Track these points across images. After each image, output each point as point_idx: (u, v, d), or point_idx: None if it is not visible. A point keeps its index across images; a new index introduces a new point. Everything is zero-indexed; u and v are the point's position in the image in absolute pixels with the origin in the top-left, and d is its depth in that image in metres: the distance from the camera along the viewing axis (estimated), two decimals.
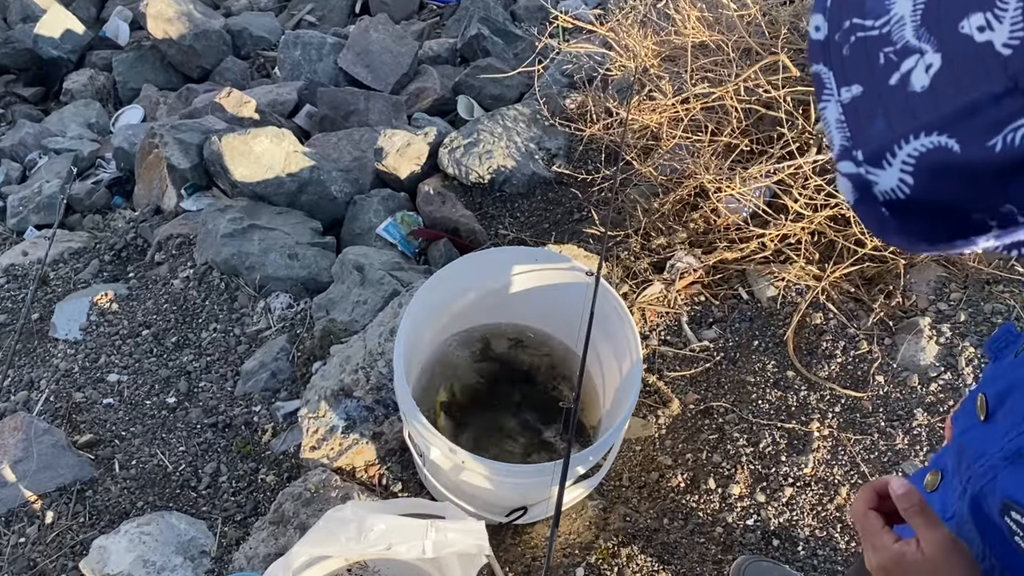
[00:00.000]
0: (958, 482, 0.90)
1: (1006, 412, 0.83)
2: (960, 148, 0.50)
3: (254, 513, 2.23)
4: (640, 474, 2.14)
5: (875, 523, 0.85)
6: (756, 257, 2.53)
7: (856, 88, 0.56)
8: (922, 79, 0.51)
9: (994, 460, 0.82)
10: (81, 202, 4.02)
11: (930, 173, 0.52)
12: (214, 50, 5.54)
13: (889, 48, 0.54)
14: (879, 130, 0.54)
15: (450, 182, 3.35)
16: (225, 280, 2.96)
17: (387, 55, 4.82)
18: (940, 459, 0.99)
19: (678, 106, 2.75)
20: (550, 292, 2.02)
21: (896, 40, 0.53)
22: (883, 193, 0.55)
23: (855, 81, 0.56)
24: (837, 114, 0.57)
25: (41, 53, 5.79)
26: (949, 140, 0.50)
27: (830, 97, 0.58)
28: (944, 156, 0.51)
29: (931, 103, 0.51)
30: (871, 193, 0.56)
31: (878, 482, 0.88)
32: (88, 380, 2.71)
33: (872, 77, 0.55)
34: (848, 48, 0.57)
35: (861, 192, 0.57)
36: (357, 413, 2.20)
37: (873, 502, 0.87)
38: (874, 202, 0.56)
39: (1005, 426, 0.82)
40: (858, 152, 0.55)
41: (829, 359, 2.27)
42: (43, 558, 2.17)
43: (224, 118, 3.85)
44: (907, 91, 0.52)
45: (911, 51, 0.52)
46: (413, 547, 1.49)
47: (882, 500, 0.86)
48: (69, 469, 2.34)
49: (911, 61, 0.52)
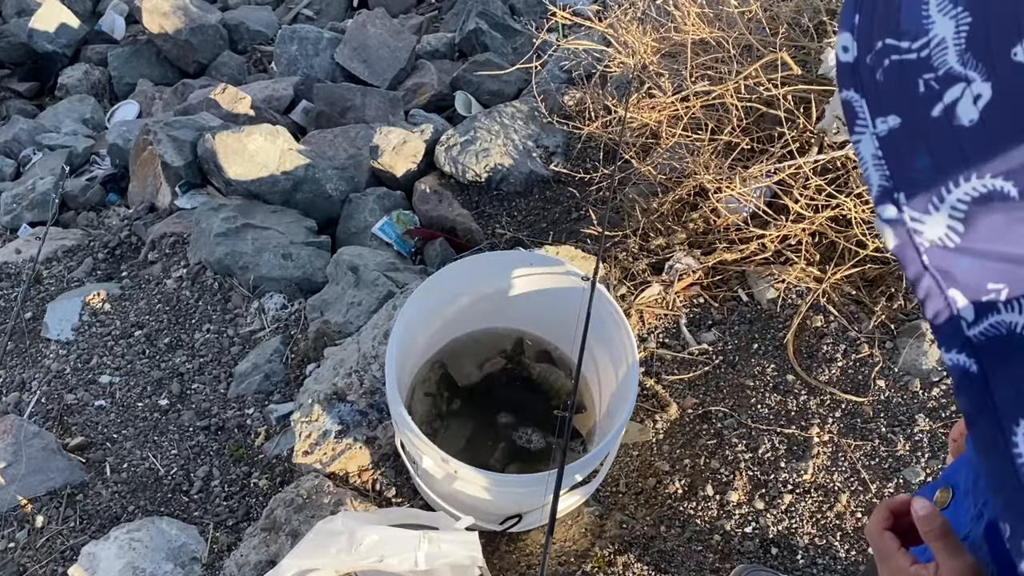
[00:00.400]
0: (972, 503, 0.87)
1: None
2: (1019, 193, 0.44)
3: (246, 518, 2.20)
4: (637, 480, 2.11)
5: (891, 544, 0.81)
6: (756, 258, 2.50)
7: (893, 119, 0.50)
8: (970, 112, 0.45)
9: None
10: (75, 199, 3.99)
11: (984, 219, 0.46)
12: (210, 45, 5.50)
13: (929, 74, 0.48)
14: (923, 167, 0.48)
15: (447, 180, 3.31)
16: (219, 280, 2.93)
17: (384, 50, 4.78)
18: (951, 475, 0.95)
19: (678, 104, 2.71)
20: (545, 297, 1.98)
21: (937, 65, 0.47)
22: (928, 241, 0.49)
23: (892, 111, 0.50)
24: (873, 149, 0.51)
25: (36, 47, 5.76)
26: (1006, 184, 0.44)
27: (864, 129, 0.52)
28: (1000, 202, 0.45)
29: (984, 140, 0.45)
30: (914, 241, 0.50)
31: (894, 500, 0.85)
32: (80, 381, 2.68)
33: (911, 107, 0.49)
34: (882, 73, 0.51)
35: (904, 239, 0.51)
36: (350, 417, 2.16)
37: (889, 521, 0.83)
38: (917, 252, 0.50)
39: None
40: (900, 194, 0.49)
41: (830, 363, 2.23)
42: (33, 563, 2.14)
43: (219, 114, 3.81)
44: (953, 125, 0.46)
45: (955, 79, 0.46)
46: (405, 559, 1.46)
47: (898, 519, 0.83)
48: (60, 473, 2.31)
49: (956, 90, 0.46)
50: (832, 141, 2.38)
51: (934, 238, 0.49)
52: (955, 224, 0.47)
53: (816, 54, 2.54)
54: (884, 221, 0.51)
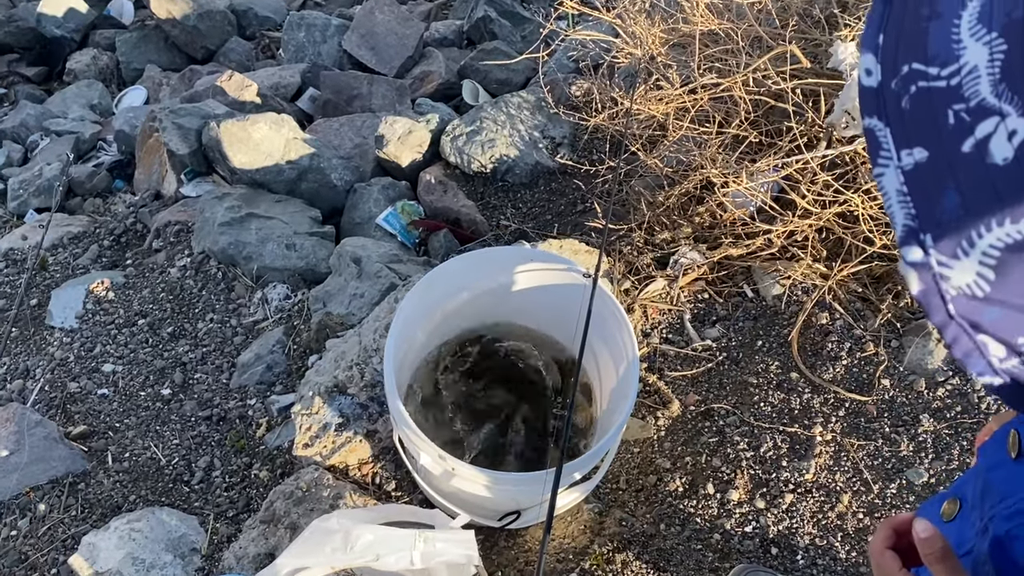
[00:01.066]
0: (978, 517, 0.85)
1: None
2: None
3: (246, 509, 2.21)
4: (638, 477, 2.10)
5: (892, 564, 0.79)
6: (762, 254, 2.47)
7: (920, 152, 0.46)
8: (1004, 149, 0.42)
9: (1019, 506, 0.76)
10: (82, 185, 3.99)
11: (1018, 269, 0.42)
12: (218, 31, 5.48)
13: (960, 105, 0.44)
14: (951, 207, 0.44)
15: (452, 171, 3.29)
16: (222, 270, 2.93)
17: (392, 37, 4.75)
18: (960, 487, 0.93)
19: (685, 96, 2.68)
20: (547, 292, 1.97)
21: (969, 96, 0.44)
22: (956, 289, 0.46)
23: (919, 143, 0.46)
24: (898, 184, 0.48)
25: (44, 32, 5.74)
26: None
27: (888, 162, 0.48)
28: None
29: (1020, 181, 0.41)
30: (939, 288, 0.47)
31: (897, 519, 0.83)
32: (83, 370, 2.68)
33: (940, 140, 0.45)
34: (908, 100, 0.47)
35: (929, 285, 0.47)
36: (351, 410, 2.16)
37: (891, 540, 0.81)
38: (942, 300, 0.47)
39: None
40: (926, 236, 0.46)
41: (834, 361, 2.21)
42: (34, 552, 2.15)
43: (225, 102, 3.80)
44: (986, 162, 0.42)
45: (988, 111, 0.43)
46: (401, 558, 1.45)
47: (900, 537, 0.81)
48: (61, 461, 2.32)
49: (989, 124, 0.43)
50: (841, 136, 2.35)
51: (961, 285, 0.46)
52: (985, 272, 0.44)
53: (827, 47, 2.50)
54: (908, 264, 0.48)
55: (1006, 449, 0.79)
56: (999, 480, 0.81)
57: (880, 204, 2.30)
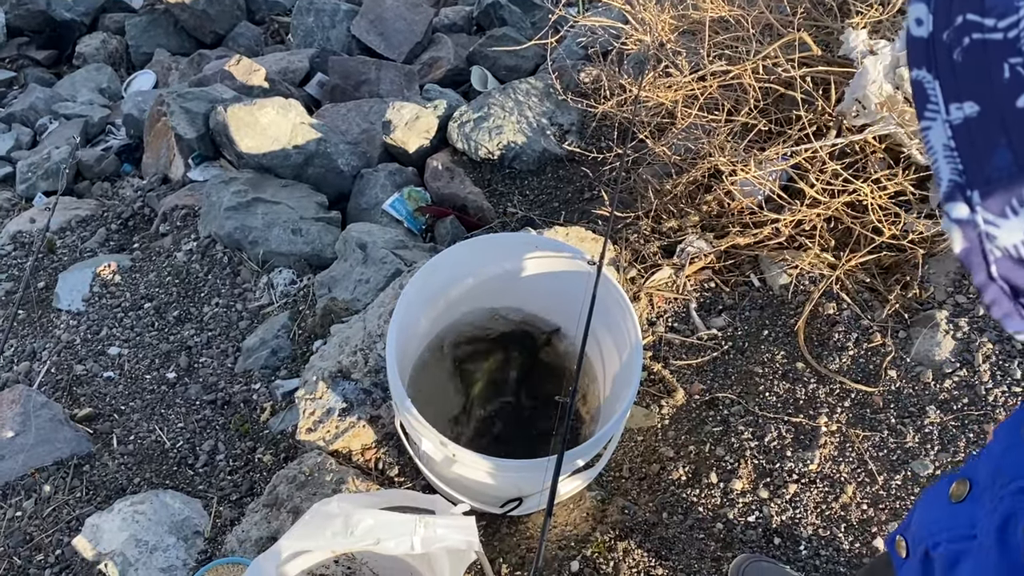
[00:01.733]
0: (989, 499, 0.84)
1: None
2: None
3: (250, 493, 2.21)
4: (641, 465, 2.09)
5: None
6: (769, 243, 2.46)
7: (971, 106, 0.45)
8: None
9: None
10: (90, 169, 3.99)
11: None
12: (228, 15, 5.47)
13: (1017, 59, 0.43)
14: (1003, 164, 0.43)
15: (459, 157, 3.28)
16: (228, 254, 2.93)
17: (401, 23, 4.72)
18: (971, 469, 0.92)
19: (694, 83, 2.65)
20: (552, 279, 1.96)
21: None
22: (1001, 250, 0.45)
23: (969, 97, 0.45)
24: (945, 138, 0.46)
25: (54, 15, 5.74)
26: None
27: (935, 115, 0.47)
28: None
29: None
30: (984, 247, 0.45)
31: None
32: (89, 352, 2.69)
33: (993, 94, 0.44)
34: (961, 53, 0.46)
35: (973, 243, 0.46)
36: (355, 396, 2.16)
37: None
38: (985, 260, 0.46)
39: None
40: (974, 192, 0.44)
41: (840, 351, 2.20)
42: (39, 532, 2.16)
43: (233, 86, 3.79)
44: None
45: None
46: (401, 543, 1.45)
47: None
48: (67, 443, 2.33)
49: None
50: (851, 124, 2.33)
51: (1008, 245, 0.44)
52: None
53: (838, 34, 2.47)
54: (953, 221, 0.46)
55: (1020, 433, 0.78)
56: (1012, 462, 0.80)
57: (889, 194, 2.28)
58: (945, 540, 0.84)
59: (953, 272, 2.29)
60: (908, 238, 2.28)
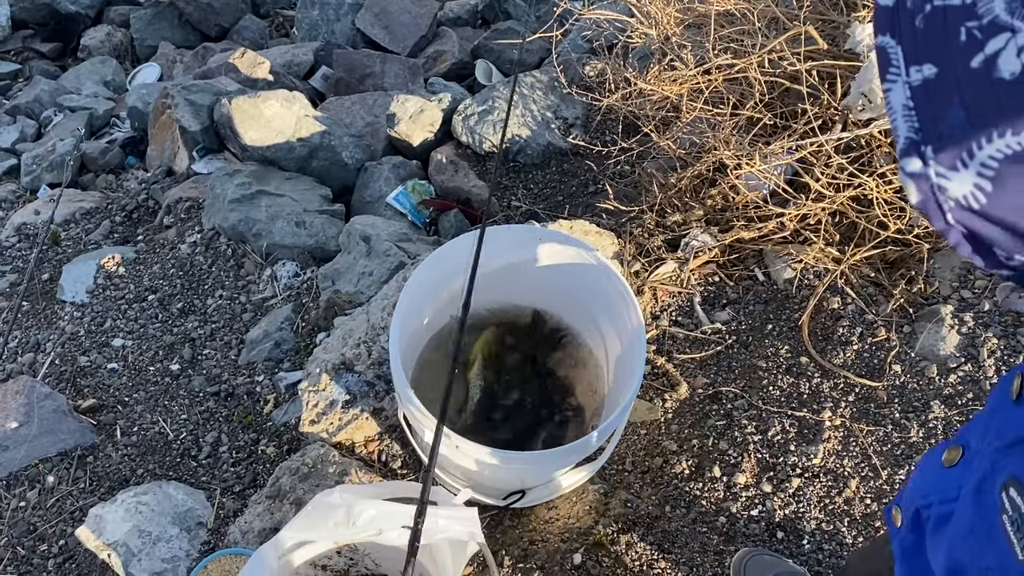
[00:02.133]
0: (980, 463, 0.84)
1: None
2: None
3: (253, 485, 2.21)
4: (644, 459, 2.09)
5: None
6: (774, 237, 2.45)
7: (929, 68, 0.48)
8: (1012, 64, 0.43)
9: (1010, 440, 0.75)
10: (95, 161, 3.99)
11: (1014, 183, 0.44)
12: (232, 8, 5.47)
13: (973, 22, 0.45)
14: (956, 122, 0.46)
15: (463, 151, 3.28)
16: (232, 246, 2.93)
17: (406, 16, 4.72)
18: (964, 435, 0.92)
19: (699, 77, 2.64)
20: (555, 271, 1.95)
21: (983, 13, 0.45)
22: (953, 200, 0.47)
23: (928, 59, 0.48)
24: (904, 98, 0.49)
25: (59, 8, 5.75)
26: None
27: (896, 77, 0.50)
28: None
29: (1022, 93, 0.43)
30: (937, 198, 0.48)
31: None
32: (93, 344, 2.70)
33: (950, 56, 0.47)
34: (922, 19, 0.49)
35: (927, 195, 0.49)
36: (358, 388, 2.16)
37: None
38: (940, 210, 0.49)
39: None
40: (927, 148, 0.47)
41: (845, 346, 2.19)
42: (43, 523, 2.17)
43: (237, 79, 3.79)
44: (992, 77, 0.44)
45: (1001, 28, 0.44)
46: (404, 533, 1.45)
47: None
48: (70, 434, 2.33)
49: (999, 40, 0.44)
50: (857, 118, 2.32)
51: (959, 196, 0.47)
52: (983, 183, 0.45)
53: (844, 28, 2.46)
54: (908, 175, 0.49)
55: (1009, 392, 0.79)
56: (998, 422, 0.80)
57: (895, 188, 2.27)
58: (936, 502, 0.85)
59: (958, 267, 2.28)
60: (913, 233, 2.27)
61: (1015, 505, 0.69)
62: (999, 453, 0.77)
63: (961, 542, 0.77)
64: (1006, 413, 0.79)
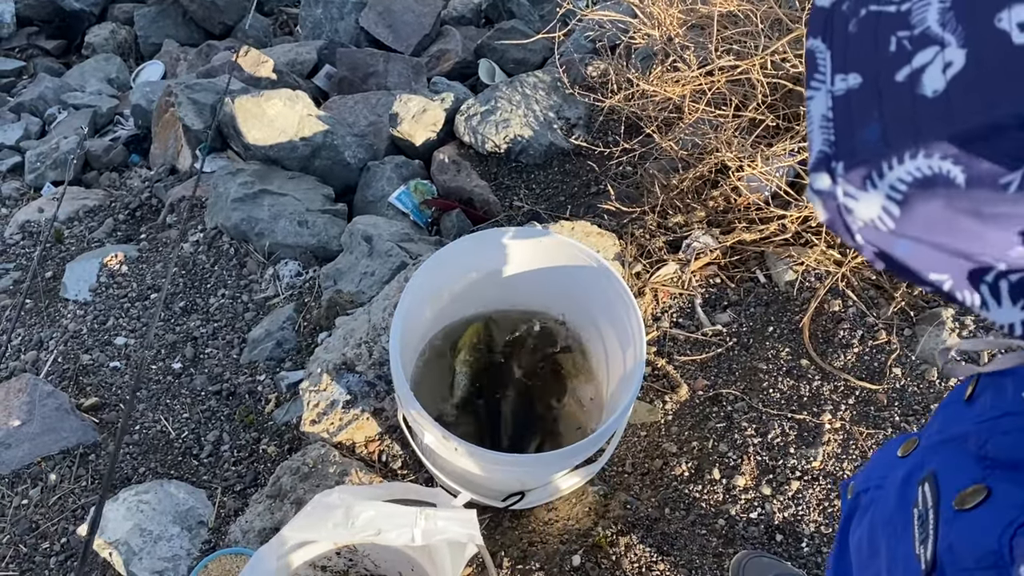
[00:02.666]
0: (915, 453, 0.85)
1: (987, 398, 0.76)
2: (965, 181, 0.39)
3: (254, 484, 2.22)
4: (644, 461, 2.09)
5: None
6: (775, 239, 2.45)
7: (855, 78, 0.45)
8: (936, 80, 0.40)
9: (947, 436, 0.76)
10: (99, 159, 4.00)
11: (922, 207, 0.42)
12: (236, 6, 5.47)
13: (904, 32, 0.43)
14: (870, 138, 0.43)
15: (466, 150, 3.28)
16: (234, 245, 2.93)
17: (409, 15, 4.72)
18: (927, 427, 0.94)
19: (702, 78, 2.64)
20: (557, 274, 1.96)
21: (915, 23, 0.42)
22: (862, 221, 0.45)
23: (855, 68, 0.45)
24: (825, 108, 0.47)
25: (64, 5, 5.76)
26: (954, 168, 0.40)
27: (820, 85, 0.47)
28: (943, 188, 0.40)
29: (942, 114, 0.40)
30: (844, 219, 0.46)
31: None
32: (96, 342, 2.71)
33: (876, 66, 0.44)
34: (856, 24, 0.46)
35: (834, 215, 0.46)
36: (359, 388, 2.16)
37: None
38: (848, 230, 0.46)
39: (977, 411, 0.75)
40: (838, 164, 0.45)
41: (845, 348, 2.19)
42: (45, 521, 2.18)
43: (241, 78, 3.80)
44: (915, 93, 0.41)
45: (930, 41, 0.41)
46: (402, 534, 1.46)
47: None
48: (73, 432, 2.34)
49: (927, 54, 0.41)
50: None
51: (867, 218, 0.45)
52: (891, 206, 0.43)
53: None
54: (815, 192, 0.47)
55: (964, 392, 0.79)
56: (943, 417, 0.81)
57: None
58: (873, 487, 0.86)
59: None
60: None
61: (924, 500, 0.69)
62: (932, 447, 0.78)
63: (882, 529, 0.78)
64: (953, 409, 0.80)
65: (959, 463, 0.70)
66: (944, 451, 0.74)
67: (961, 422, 0.76)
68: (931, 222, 0.42)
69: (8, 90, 5.23)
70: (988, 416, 0.71)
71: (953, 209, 0.41)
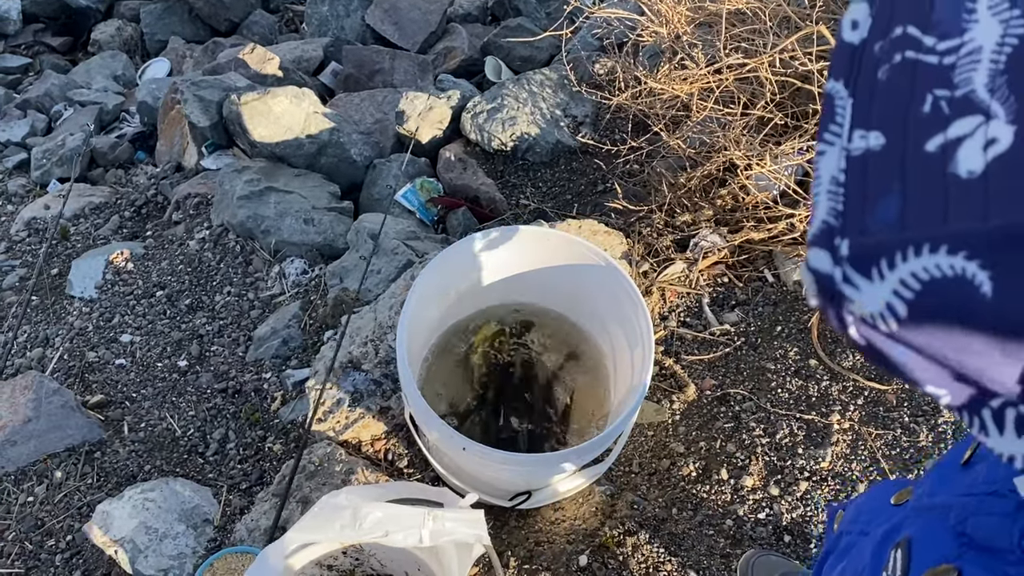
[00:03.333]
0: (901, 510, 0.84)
1: (982, 468, 0.72)
2: (992, 291, 0.32)
3: (259, 482, 2.22)
4: (651, 461, 2.08)
5: None
6: (784, 238, 2.43)
7: (876, 137, 0.37)
8: (974, 159, 0.33)
9: (934, 503, 0.74)
10: (104, 156, 4.00)
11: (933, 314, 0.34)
12: (242, 3, 5.46)
13: (944, 92, 0.35)
14: (886, 217, 0.36)
15: (472, 148, 3.27)
16: (240, 243, 2.93)
17: (416, 12, 4.71)
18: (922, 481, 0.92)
19: (710, 76, 2.63)
20: (564, 272, 1.95)
21: (958, 83, 0.35)
22: (860, 313, 0.37)
23: (879, 126, 0.38)
24: (837, 169, 0.39)
25: (70, 2, 5.76)
26: (980, 273, 0.32)
27: (835, 139, 0.39)
28: (964, 294, 0.33)
29: (976, 202, 0.32)
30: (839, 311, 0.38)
31: None
32: (101, 340, 2.70)
33: (904, 129, 0.36)
34: (888, 71, 0.38)
35: (827, 301, 0.39)
36: (365, 386, 2.16)
37: None
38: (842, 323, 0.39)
39: (969, 480, 0.71)
40: (843, 241, 0.37)
41: (854, 349, 2.18)
42: (50, 518, 2.17)
43: (247, 75, 3.79)
44: (946, 171, 0.34)
45: (973, 108, 0.34)
46: (410, 535, 1.45)
47: None
48: (78, 430, 2.34)
49: (967, 123, 0.34)
50: None
51: (865, 313, 0.37)
52: (897, 305, 0.35)
53: None
54: (810, 270, 0.39)
55: (960, 457, 0.76)
56: (934, 480, 0.79)
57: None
58: (857, 531, 0.85)
59: None
60: None
61: (894, 567, 0.67)
62: (916, 510, 0.76)
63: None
64: (948, 472, 0.77)
65: (936, 535, 0.66)
66: (925, 518, 0.72)
67: (952, 487, 0.73)
68: (940, 335, 0.35)
69: (14, 87, 5.23)
70: (978, 490, 0.66)
71: (970, 324, 0.33)
